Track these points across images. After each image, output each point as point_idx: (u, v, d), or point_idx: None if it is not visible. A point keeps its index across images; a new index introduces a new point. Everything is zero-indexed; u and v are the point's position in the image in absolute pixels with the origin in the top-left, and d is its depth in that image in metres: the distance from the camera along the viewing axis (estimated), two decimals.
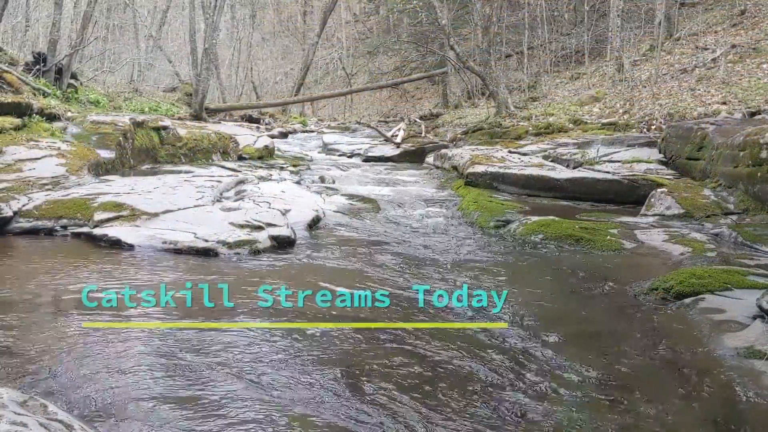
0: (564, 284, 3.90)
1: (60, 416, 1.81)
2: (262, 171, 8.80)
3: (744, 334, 2.77)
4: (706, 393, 2.39)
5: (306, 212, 5.67)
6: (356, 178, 9.39)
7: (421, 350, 2.77)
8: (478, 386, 2.45)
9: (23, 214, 4.92)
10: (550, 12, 19.79)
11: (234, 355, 2.64)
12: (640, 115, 10.90)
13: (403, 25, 27.77)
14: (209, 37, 14.80)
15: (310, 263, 4.34)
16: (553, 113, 12.92)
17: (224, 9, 17.83)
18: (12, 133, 6.79)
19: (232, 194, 6.49)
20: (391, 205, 6.87)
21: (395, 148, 13.12)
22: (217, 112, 17.11)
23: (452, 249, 4.87)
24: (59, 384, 2.30)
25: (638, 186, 6.66)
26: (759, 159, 5.49)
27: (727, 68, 11.47)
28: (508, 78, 18.00)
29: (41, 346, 2.63)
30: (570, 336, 3.00)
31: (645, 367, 2.66)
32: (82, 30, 11.77)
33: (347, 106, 28.73)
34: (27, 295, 3.32)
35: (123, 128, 7.76)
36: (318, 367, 2.57)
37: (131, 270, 3.91)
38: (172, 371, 2.46)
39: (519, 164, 8.05)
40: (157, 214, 5.04)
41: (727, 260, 4.15)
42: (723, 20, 15.32)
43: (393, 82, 23.98)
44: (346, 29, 35.31)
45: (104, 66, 17.86)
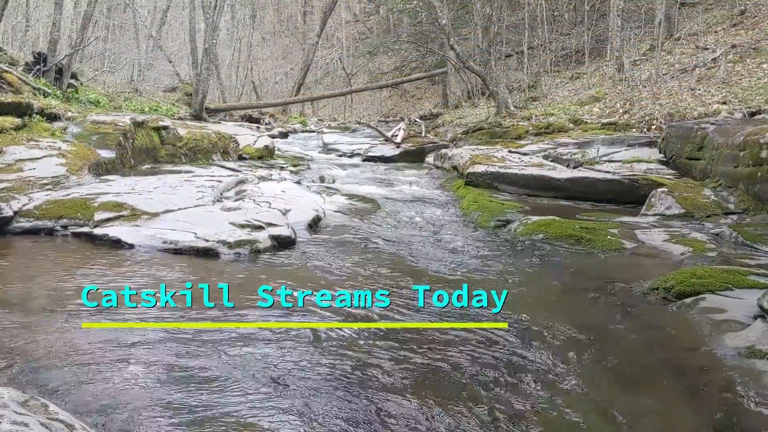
0: (564, 284, 3.90)
1: (61, 416, 1.81)
2: (262, 171, 8.79)
3: (745, 334, 2.76)
4: (706, 393, 2.38)
5: (306, 212, 5.67)
6: (356, 178, 9.39)
7: (420, 350, 2.77)
8: (478, 386, 2.44)
9: (24, 214, 4.92)
10: (550, 12, 19.79)
11: (234, 355, 2.64)
12: (641, 115, 10.89)
13: (403, 24, 27.78)
14: (209, 37, 14.81)
15: (310, 263, 4.34)
16: (553, 113, 12.92)
17: (224, 9, 17.83)
18: (12, 133, 6.79)
19: (233, 194, 6.49)
20: (391, 205, 6.87)
21: (395, 148, 13.12)
22: (217, 112, 17.12)
23: (452, 249, 4.87)
24: (60, 384, 2.30)
25: (638, 186, 6.65)
26: (759, 159, 5.49)
27: (727, 68, 11.47)
28: (508, 78, 18.00)
29: (42, 345, 2.63)
30: (570, 336, 3.00)
31: (645, 367, 2.66)
32: (82, 30, 11.78)
33: (347, 106, 28.74)
34: (27, 295, 3.32)
35: (123, 128, 7.76)
36: (318, 367, 2.57)
37: (131, 270, 3.91)
38: (172, 371, 2.46)
39: (519, 164, 8.04)
40: (158, 213, 5.04)
41: (727, 260, 4.15)
42: (723, 20, 15.32)
43: (393, 82, 23.99)
44: (346, 29, 35.31)
45: (104, 66, 17.88)
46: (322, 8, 25.87)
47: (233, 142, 10.39)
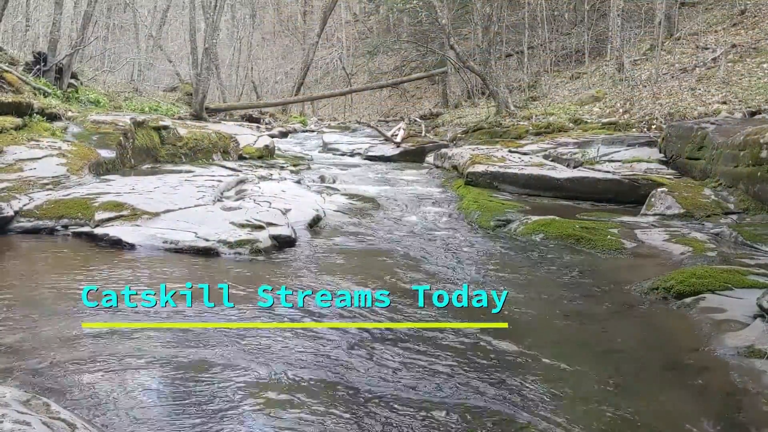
0: (564, 284, 3.91)
1: (63, 415, 1.81)
2: (262, 170, 8.79)
3: (744, 334, 2.77)
4: (706, 392, 2.39)
5: (306, 212, 5.68)
6: (356, 177, 9.39)
7: (420, 349, 2.78)
8: (478, 386, 2.45)
9: (24, 214, 4.93)
10: (550, 11, 19.79)
11: (234, 355, 2.64)
12: (641, 114, 10.90)
13: (403, 24, 27.77)
14: (209, 36, 14.81)
15: (310, 263, 4.34)
16: (553, 113, 12.93)
17: (224, 9, 17.84)
18: (13, 132, 6.78)
19: (233, 194, 6.49)
20: (391, 205, 6.87)
21: (395, 148, 13.13)
22: (218, 112, 17.12)
23: (452, 248, 4.88)
24: (61, 383, 2.31)
25: (638, 185, 6.66)
26: (759, 158, 5.50)
27: (727, 68, 11.47)
28: (508, 77, 18.01)
29: (42, 345, 2.64)
30: (570, 335, 3.00)
31: (645, 366, 2.66)
32: (82, 30, 11.79)
33: (347, 105, 28.72)
34: (28, 295, 3.32)
35: (123, 128, 7.76)
36: (317, 366, 2.58)
37: (131, 269, 3.92)
38: (172, 371, 2.47)
39: (519, 164, 8.05)
40: (158, 213, 5.05)
41: (727, 260, 4.15)
42: (723, 20, 15.32)
43: (393, 82, 23.98)
44: (346, 29, 35.31)
45: (104, 66, 17.88)
46: (322, 8, 25.85)
47: (233, 141, 10.39)
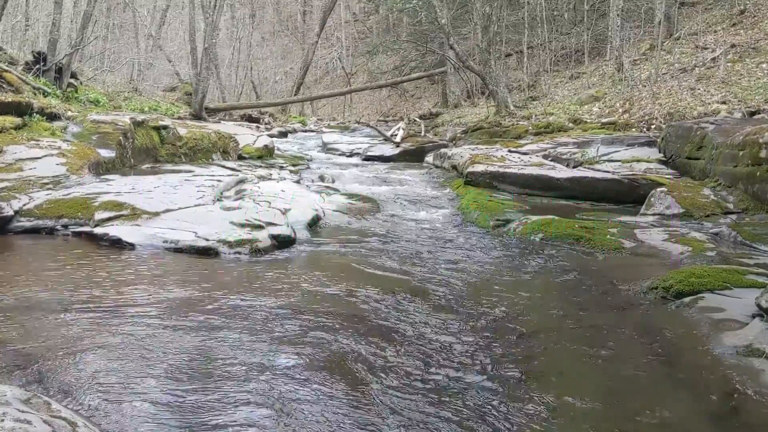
0: (564, 283, 3.91)
1: (64, 413, 1.82)
2: (262, 170, 8.79)
3: (743, 333, 2.77)
4: (705, 391, 2.39)
5: (306, 211, 5.68)
6: (356, 177, 9.39)
7: (421, 349, 2.78)
8: (478, 386, 2.46)
9: (24, 214, 4.93)
10: (549, 11, 19.79)
11: (234, 355, 2.65)
12: (640, 114, 10.91)
13: (403, 24, 27.80)
14: (209, 36, 14.81)
15: (310, 262, 4.35)
16: (552, 112, 12.94)
17: (224, 8, 17.83)
18: (12, 132, 6.79)
19: (233, 193, 6.49)
20: (390, 205, 6.88)
21: (395, 148, 13.13)
22: (217, 112, 17.13)
23: (452, 248, 4.88)
24: (61, 382, 2.31)
25: (638, 185, 6.66)
26: (758, 158, 5.50)
27: (726, 68, 11.49)
28: (507, 77, 18.02)
29: (43, 344, 2.64)
30: (569, 335, 3.01)
31: (644, 366, 2.66)
32: (82, 29, 11.78)
33: (347, 105, 28.73)
34: (28, 294, 3.33)
35: (123, 127, 7.76)
36: (316, 366, 2.58)
37: (132, 269, 3.92)
38: (172, 370, 2.47)
39: (519, 163, 8.05)
40: (158, 213, 5.05)
41: (726, 259, 4.16)
42: (723, 20, 15.33)
43: (392, 82, 24.00)
44: (346, 29, 35.31)
45: (104, 65, 17.89)
46: (322, 8, 25.88)
47: (233, 141, 10.40)
